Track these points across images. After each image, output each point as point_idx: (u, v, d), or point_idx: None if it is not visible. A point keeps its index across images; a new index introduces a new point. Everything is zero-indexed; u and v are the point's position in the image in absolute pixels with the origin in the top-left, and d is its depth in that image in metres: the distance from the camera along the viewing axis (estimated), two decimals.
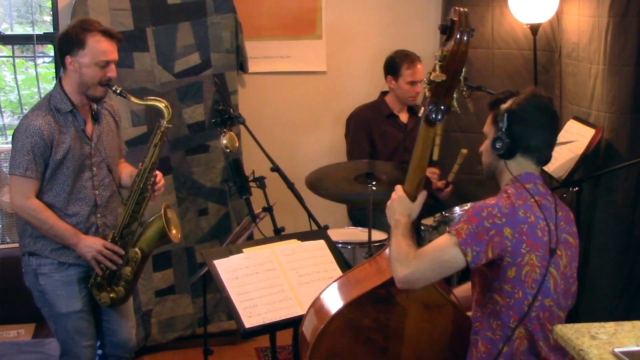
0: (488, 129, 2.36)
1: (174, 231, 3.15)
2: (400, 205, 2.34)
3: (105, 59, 2.93)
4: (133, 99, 3.00)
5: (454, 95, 2.25)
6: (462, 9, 2.17)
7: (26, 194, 2.91)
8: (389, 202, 2.38)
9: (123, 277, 3.06)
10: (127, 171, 3.22)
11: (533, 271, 2.17)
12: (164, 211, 3.09)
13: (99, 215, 3.06)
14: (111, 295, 3.07)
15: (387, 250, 2.47)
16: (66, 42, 2.94)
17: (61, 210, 2.97)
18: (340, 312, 2.34)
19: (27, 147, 2.87)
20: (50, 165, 2.92)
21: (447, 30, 2.20)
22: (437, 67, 2.19)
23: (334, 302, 2.41)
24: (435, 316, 2.38)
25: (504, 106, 2.29)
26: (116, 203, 3.17)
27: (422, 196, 2.34)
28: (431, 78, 2.20)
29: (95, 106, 3.06)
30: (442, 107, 2.25)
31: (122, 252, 3.03)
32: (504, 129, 2.26)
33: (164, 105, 3.02)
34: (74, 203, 2.99)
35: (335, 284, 2.50)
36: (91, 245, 2.97)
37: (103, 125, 3.08)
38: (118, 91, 2.97)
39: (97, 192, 3.04)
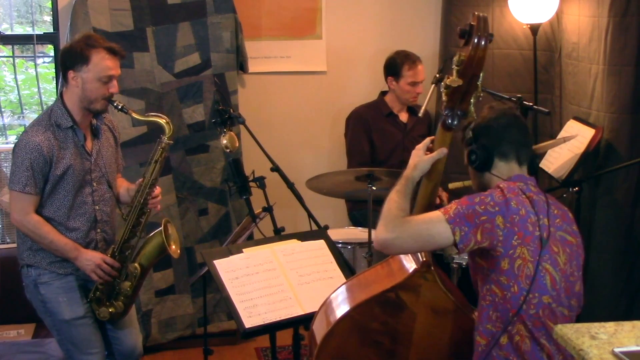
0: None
1: (174, 247, 3.14)
2: (413, 157, 2.35)
3: (108, 75, 2.93)
4: (134, 114, 3.01)
5: (471, 100, 2.26)
6: (481, 14, 2.18)
7: (25, 209, 2.91)
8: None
9: (122, 292, 3.07)
10: (124, 186, 3.22)
11: (525, 265, 2.17)
12: (164, 226, 3.08)
13: (98, 230, 3.06)
14: (110, 310, 3.07)
15: None
16: (70, 57, 2.94)
17: (62, 225, 2.97)
18: (348, 314, 2.33)
19: (26, 163, 2.87)
20: (50, 180, 2.92)
21: (465, 34, 2.20)
22: (454, 72, 2.19)
23: (343, 303, 2.42)
24: (444, 322, 2.36)
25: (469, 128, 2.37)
26: (115, 218, 3.17)
27: (437, 153, 2.31)
28: (448, 83, 2.21)
29: (94, 121, 3.06)
30: (459, 112, 2.25)
31: (121, 267, 3.04)
32: (473, 144, 2.33)
33: (165, 121, 3.02)
34: (74, 218, 2.99)
35: (346, 285, 2.50)
36: (91, 259, 2.97)
37: (102, 140, 3.08)
38: (120, 107, 2.97)
39: (97, 207, 3.04)
